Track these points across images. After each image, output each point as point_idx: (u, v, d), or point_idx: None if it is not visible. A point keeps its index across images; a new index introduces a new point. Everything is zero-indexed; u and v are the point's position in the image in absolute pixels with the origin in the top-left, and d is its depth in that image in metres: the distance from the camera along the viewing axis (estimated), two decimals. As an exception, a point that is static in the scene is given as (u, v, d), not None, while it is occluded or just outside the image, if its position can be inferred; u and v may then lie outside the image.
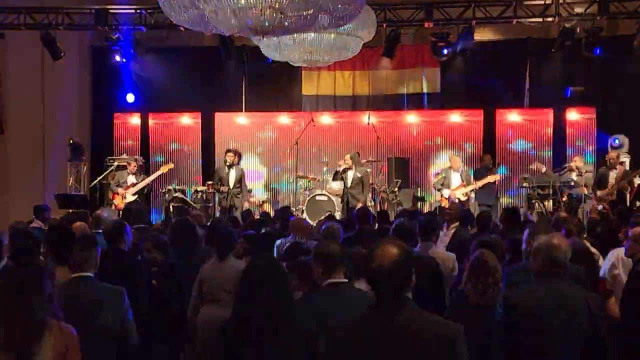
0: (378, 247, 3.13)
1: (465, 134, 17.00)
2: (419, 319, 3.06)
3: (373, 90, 16.95)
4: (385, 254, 3.07)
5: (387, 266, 3.04)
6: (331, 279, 4.36)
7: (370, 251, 3.15)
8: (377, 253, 3.09)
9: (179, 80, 16.58)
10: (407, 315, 3.04)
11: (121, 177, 14.20)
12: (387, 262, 3.05)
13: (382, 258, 3.07)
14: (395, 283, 3.07)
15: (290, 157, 16.05)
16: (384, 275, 3.05)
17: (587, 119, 16.50)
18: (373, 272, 3.09)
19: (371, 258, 3.10)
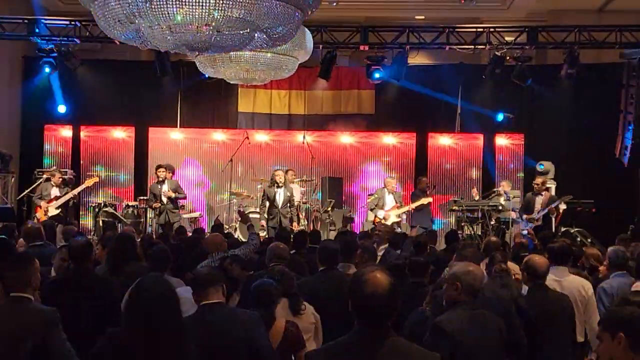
0: (368, 273, 3.07)
1: (398, 155, 17.25)
2: (404, 348, 3.05)
3: (309, 109, 17.08)
4: (378, 281, 3.02)
5: (380, 293, 2.99)
6: (205, 301, 4.36)
7: (361, 276, 3.08)
8: (368, 279, 3.03)
9: (113, 94, 16.39)
10: (392, 344, 3.01)
11: (44, 189, 13.77)
12: (380, 289, 3.00)
13: (375, 285, 3.01)
14: (386, 311, 3.03)
15: (225, 174, 15.99)
16: (377, 303, 3.00)
17: (516, 145, 16.95)
18: (366, 299, 3.01)
19: (364, 283, 3.02)
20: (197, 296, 4.40)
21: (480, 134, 16.96)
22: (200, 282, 4.43)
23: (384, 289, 3.00)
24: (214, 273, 4.57)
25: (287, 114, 17.15)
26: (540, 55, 16.59)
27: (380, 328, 3.02)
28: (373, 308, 3.01)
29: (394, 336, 3.06)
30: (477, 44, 14.95)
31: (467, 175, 17.04)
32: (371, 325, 3.02)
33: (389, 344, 3.01)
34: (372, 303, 3.00)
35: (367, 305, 3.02)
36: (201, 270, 4.62)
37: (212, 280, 4.41)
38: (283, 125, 17.23)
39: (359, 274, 3.14)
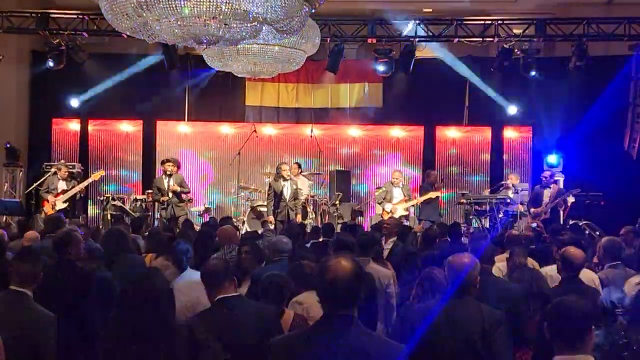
0: (331, 260, 3.06)
1: (406, 148, 17.24)
2: (365, 339, 3.00)
3: (316, 103, 17.06)
4: (340, 267, 3.00)
5: (341, 279, 2.97)
6: (221, 295, 4.33)
7: (324, 263, 3.08)
8: (331, 265, 3.02)
9: (121, 87, 16.35)
10: (355, 333, 2.98)
11: (51, 182, 13.83)
12: (341, 275, 2.98)
13: (336, 271, 2.99)
14: (347, 297, 3.00)
15: (233, 168, 16.00)
16: (337, 289, 2.98)
17: (524, 138, 16.90)
18: (326, 284, 3.01)
19: (325, 270, 3.03)
20: (212, 290, 4.35)
21: (488, 126, 16.92)
22: (215, 275, 4.37)
23: (345, 275, 3.00)
24: (227, 266, 4.52)
25: (294, 107, 17.13)
26: (549, 47, 16.50)
27: (343, 315, 3.00)
28: (334, 294, 3.00)
29: (358, 325, 3.03)
30: (485, 37, 14.90)
31: (475, 169, 17.01)
32: (334, 312, 3.02)
33: (353, 332, 2.99)
34: (333, 288, 3.00)
35: (328, 290, 3.02)
36: (215, 264, 4.54)
37: (226, 273, 4.39)
38: (291, 118, 17.22)
39: (324, 260, 3.15)
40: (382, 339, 3.11)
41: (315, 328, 3.08)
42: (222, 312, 4.25)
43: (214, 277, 4.36)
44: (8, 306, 4.37)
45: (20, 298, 4.40)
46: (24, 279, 4.45)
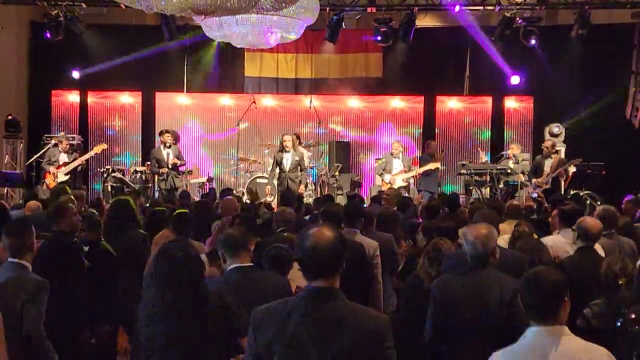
0: (312, 229, 3.04)
1: (406, 119, 17.17)
2: (347, 310, 2.96)
3: (315, 73, 16.95)
4: (320, 235, 2.97)
5: (321, 248, 2.94)
6: (236, 264, 4.36)
7: (305, 232, 3.06)
8: (311, 234, 2.99)
9: (120, 59, 16.29)
10: (335, 304, 2.95)
11: (52, 154, 13.89)
12: (321, 243, 2.94)
13: (316, 239, 2.96)
14: (328, 267, 2.96)
15: (232, 139, 15.95)
16: (317, 258, 2.95)
17: (525, 108, 16.82)
18: (305, 252, 2.98)
19: (305, 238, 3.00)
20: (228, 257, 4.38)
21: (489, 96, 16.83)
22: (233, 244, 4.39)
23: (326, 243, 2.95)
24: (247, 235, 4.52)
25: (294, 78, 17.03)
26: (551, 15, 16.34)
27: (324, 286, 2.96)
28: (314, 263, 2.96)
29: (338, 296, 2.99)
30: (486, 5, 14.76)
31: (476, 139, 16.96)
32: (314, 283, 2.97)
33: (334, 303, 2.95)
34: (313, 258, 2.96)
35: (308, 260, 2.97)
36: (232, 232, 4.54)
37: (244, 243, 4.41)
38: (290, 89, 17.13)
39: (305, 229, 3.10)
40: (365, 310, 3.06)
41: (296, 298, 3.05)
42: (240, 280, 4.29)
43: (232, 245, 4.37)
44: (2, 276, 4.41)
45: (14, 267, 4.47)
46: (15, 251, 4.49)
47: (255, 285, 4.26)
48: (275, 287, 4.32)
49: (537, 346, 3.16)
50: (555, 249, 6.30)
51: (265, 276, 4.45)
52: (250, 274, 4.36)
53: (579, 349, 3.17)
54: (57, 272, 5.05)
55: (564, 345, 3.14)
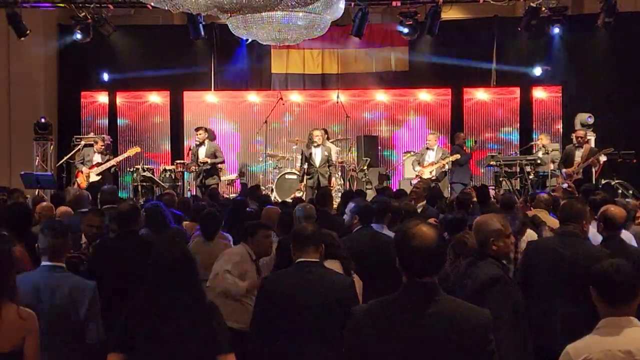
0: (414, 227, 3.00)
1: (433, 112, 17.13)
2: (451, 306, 2.97)
3: (342, 68, 16.96)
4: (425, 234, 2.96)
5: (427, 246, 2.94)
6: (302, 258, 4.39)
7: (405, 230, 3.02)
8: (414, 232, 2.97)
9: (147, 59, 16.46)
10: (439, 302, 2.95)
11: (86, 155, 13.90)
12: (427, 242, 2.95)
13: (421, 238, 2.95)
14: (433, 264, 2.98)
15: (260, 136, 16.02)
16: (423, 256, 2.94)
17: (553, 97, 16.70)
18: (410, 252, 2.95)
19: (410, 237, 2.97)
20: (295, 251, 4.42)
21: (517, 87, 16.72)
22: (302, 239, 4.42)
23: (430, 243, 2.95)
24: (317, 232, 4.54)
25: (320, 73, 17.06)
26: (577, 4, 16.21)
27: (426, 283, 2.96)
28: (420, 262, 2.95)
29: (441, 292, 3.00)
30: (512, -5, 14.69)
31: (505, 130, 16.88)
32: (418, 279, 2.96)
33: (437, 300, 2.95)
34: (418, 257, 2.95)
35: (413, 259, 2.96)
36: (304, 227, 4.59)
37: (313, 239, 4.43)
38: (316, 85, 17.16)
39: (404, 227, 3.06)
40: (468, 305, 3.06)
41: (400, 297, 3.01)
42: (298, 273, 4.33)
43: (300, 239, 4.42)
44: (56, 281, 4.34)
45: (60, 273, 4.40)
46: (56, 254, 4.41)
47: (310, 280, 4.29)
48: (333, 284, 4.33)
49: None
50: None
51: (326, 273, 4.43)
52: (311, 269, 4.36)
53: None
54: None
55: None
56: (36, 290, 4.22)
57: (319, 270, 4.39)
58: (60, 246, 4.41)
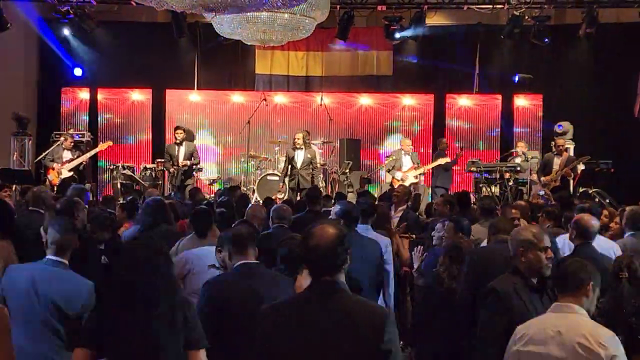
0: (316, 227, 3.10)
1: (416, 117, 17.21)
2: (351, 304, 3.03)
3: (326, 71, 16.99)
4: (324, 233, 3.04)
5: (324, 245, 3.02)
6: (243, 260, 4.36)
7: (308, 230, 3.11)
8: (315, 232, 3.06)
9: (130, 56, 16.35)
10: (341, 298, 3.02)
11: (56, 152, 13.80)
12: (324, 241, 3.02)
13: (320, 237, 3.03)
14: (330, 263, 3.03)
15: (242, 136, 15.99)
16: (320, 255, 3.02)
17: (534, 106, 16.85)
18: (309, 251, 3.05)
19: (309, 237, 3.07)
20: (234, 254, 4.38)
21: (499, 94, 16.86)
22: (240, 240, 4.40)
23: (327, 241, 3.02)
24: (252, 232, 4.55)
25: (304, 75, 17.07)
26: (559, 14, 16.36)
27: (327, 282, 3.02)
28: (316, 260, 3.04)
29: (341, 290, 3.04)
30: (495, 3, 14.83)
31: (485, 136, 16.99)
32: (317, 278, 3.04)
33: (339, 297, 3.01)
34: (315, 255, 3.03)
35: (310, 257, 3.06)
36: (241, 229, 4.57)
37: (252, 240, 4.42)
38: (300, 87, 17.17)
39: (310, 227, 3.15)
40: (367, 302, 3.12)
41: (304, 295, 3.12)
42: (242, 277, 4.29)
43: (239, 241, 4.39)
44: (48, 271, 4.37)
45: (64, 269, 4.43)
46: (61, 249, 4.44)
47: (255, 283, 4.25)
48: (276, 284, 4.30)
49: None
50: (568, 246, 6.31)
51: (268, 274, 4.43)
52: (257, 271, 4.35)
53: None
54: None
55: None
56: (32, 281, 4.26)
57: (261, 271, 4.39)
58: (67, 243, 4.46)
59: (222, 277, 4.47)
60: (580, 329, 3.49)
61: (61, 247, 4.42)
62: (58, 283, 4.32)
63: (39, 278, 4.29)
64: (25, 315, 4.21)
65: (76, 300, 4.29)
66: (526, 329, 3.62)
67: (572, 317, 3.57)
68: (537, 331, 3.56)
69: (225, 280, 4.40)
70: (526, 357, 3.55)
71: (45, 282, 4.29)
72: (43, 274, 4.33)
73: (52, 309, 4.25)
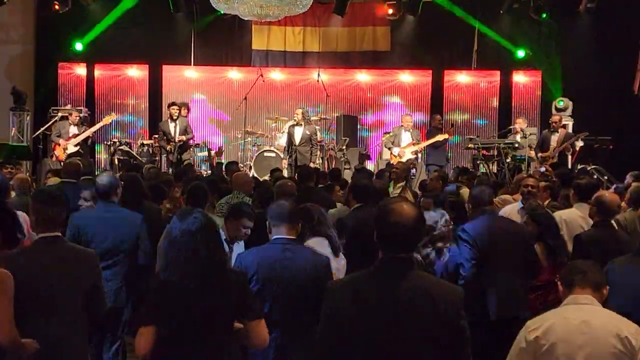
0: (395, 204, 3.05)
1: (414, 93, 17.13)
2: (427, 281, 3.02)
3: (323, 47, 16.87)
4: (403, 210, 2.98)
5: (406, 223, 2.96)
6: (279, 235, 4.34)
7: (385, 206, 3.06)
8: (394, 208, 3.00)
9: (127, 31, 16.24)
10: (415, 277, 2.99)
11: (62, 127, 13.85)
12: (405, 218, 2.97)
13: (400, 214, 2.97)
14: (411, 241, 3.02)
15: (239, 112, 15.91)
16: (400, 232, 2.97)
17: (533, 82, 16.76)
18: (390, 227, 2.98)
19: (388, 213, 3.00)
20: (271, 229, 4.38)
21: (497, 70, 16.77)
22: (278, 216, 4.38)
23: (408, 219, 2.97)
24: (294, 209, 4.50)
25: (301, 51, 16.96)
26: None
27: (403, 259, 2.99)
28: (396, 237, 2.98)
29: (416, 268, 3.05)
30: (495, -22, 14.70)
31: (484, 113, 16.93)
32: (394, 255, 2.99)
33: (412, 276, 2.99)
34: (395, 232, 2.97)
35: (390, 234, 2.99)
36: (281, 204, 4.51)
37: (290, 216, 4.39)
38: (297, 62, 17.06)
39: (385, 203, 3.13)
40: (443, 281, 3.13)
41: (377, 271, 3.04)
42: (276, 250, 4.29)
43: (276, 216, 4.38)
44: (55, 253, 4.18)
45: (57, 244, 4.24)
46: (54, 224, 4.25)
47: (295, 259, 4.25)
48: (316, 263, 4.30)
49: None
50: (569, 223, 6.31)
51: (303, 251, 4.42)
52: (291, 246, 4.32)
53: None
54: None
55: None
56: (43, 266, 4.06)
57: (295, 247, 4.35)
58: (55, 216, 4.23)
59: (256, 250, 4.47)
60: (610, 319, 3.47)
61: (51, 222, 4.26)
62: (64, 260, 4.23)
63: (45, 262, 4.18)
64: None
65: (87, 272, 4.29)
66: (542, 321, 3.52)
67: (594, 308, 3.52)
68: (558, 322, 3.48)
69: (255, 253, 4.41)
70: (548, 349, 3.43)
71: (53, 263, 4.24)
72: (46, 257, 4.21)
73: (67, 287, 4.19)
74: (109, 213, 5.75)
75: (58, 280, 4.03)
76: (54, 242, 4.19)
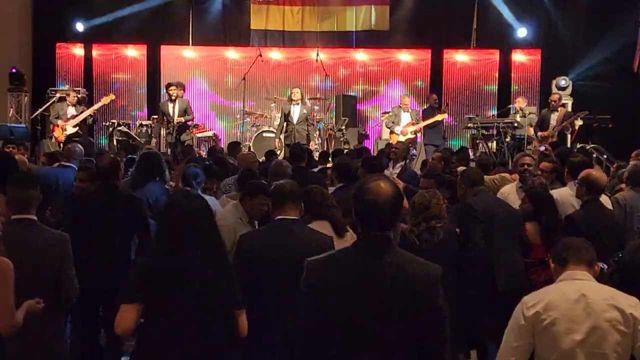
0: (370, 182, 3.03)
1: (413, 72, 17.06)
2: (404, 259, 3.03)
3: (322, 26, 16.80)
4: (380, 189, 2.97)
5: (382, 201, 2.96)
6: (281, 215, 4.35)
7: (362, 185, 3.05)
8: (370, 187, 2.99)
9: (125, 11, 16.15)
10: (392, 254, 3.00)
11: (60, 108, 13.80)
12: (382, 197, 2.96)
13: (377, 193, 2.97)
14: (388, 219, 3.01)
15: (238, 92, 15.85)
16: (377, 210, 2.97)
17: (532, 61, 16.70)
18: (366, 206, 2.99)
19: (364, 191, 3.00)
20: (274, 209, 4.39)
21: (497, 49, 16.70)
22: (280, 196, 4.38)
23: (386, 197, 2.97)
24: (296, 189, 4.49)
25: (300, 30, 16.89)
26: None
27: (381, 237, 3.00)
28: (373, 215, 2.99)
29: (394, 246, 3.05)
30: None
31: (483, 92, 16.88)
32: (372, 233, 3.00)
33: (390, 253, 3.00)
34: (372, 210, 2.98)
35: (367, 212, 3.00)
36: (282, 184, 4.51)
37: (292, 196, 4.38)
38: (296, 42, 16.99)
39: (363, 181, 3.12)
40: (420, 259, 3.10)
41: (355, 248, 3.07)
42: (278, 231, 4.31)
43: (279, 196, 4.39)
44: (22, 235, 4.22)
45: (29, 226, 4.28)
46: (27, 206, 4.30)
47: (291, 238, 4.26)
48: (315, 242, 4.28)
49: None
50: (561, 201, 6.31)
51: (306, 231, 4.42)
52: (290, 227, 4.32)
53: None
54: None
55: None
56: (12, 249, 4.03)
57: (298, 228, 4.36)
58: (28, 198, 4.28)
59: (259, 230, 4.57)
60: (607, 292, 3.54)
61: (23, 204, 4.37)
62: (32, 243, 4.31)
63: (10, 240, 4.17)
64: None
65: (55, 255, 4.33)
66: (540, 296, 3.57)
67: (591, 283, 3.58)
68: (557, 298, 3.52)
69: (260, 233, 4.48)
70: (549, 324, 3.47)
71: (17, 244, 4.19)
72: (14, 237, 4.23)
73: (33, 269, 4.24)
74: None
75: (25, 263, 4.01)
76: (27, 225, 4.22)
